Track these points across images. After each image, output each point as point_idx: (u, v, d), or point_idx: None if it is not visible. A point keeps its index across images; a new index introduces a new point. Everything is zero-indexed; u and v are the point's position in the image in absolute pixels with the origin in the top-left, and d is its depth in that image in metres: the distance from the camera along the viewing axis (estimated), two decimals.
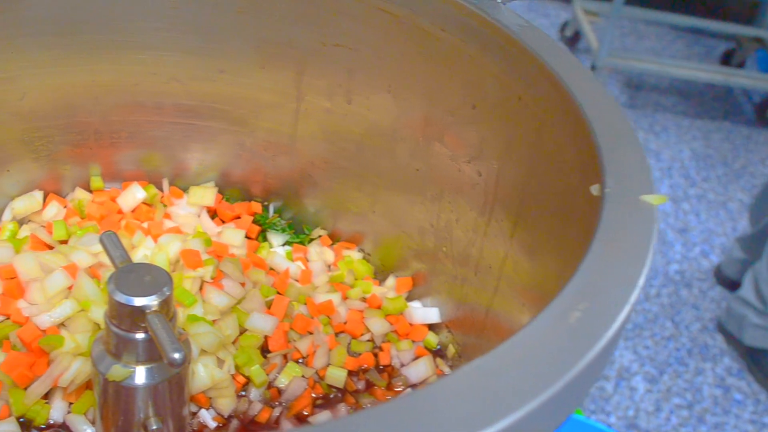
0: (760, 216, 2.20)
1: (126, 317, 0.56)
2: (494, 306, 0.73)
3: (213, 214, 0.93)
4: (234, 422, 0.73)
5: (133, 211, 0.89)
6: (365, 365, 0.80)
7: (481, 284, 0.75)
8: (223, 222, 0.92)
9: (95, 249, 0.79)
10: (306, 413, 0.75)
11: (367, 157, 0.84)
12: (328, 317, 0.83)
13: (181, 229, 0.86)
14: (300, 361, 0.79)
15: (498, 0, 0.64)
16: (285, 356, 0.79)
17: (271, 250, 0.90)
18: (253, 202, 0.94)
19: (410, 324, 0.85)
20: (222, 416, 0.73)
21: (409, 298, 0.88)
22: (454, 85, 0.71)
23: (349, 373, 0.79)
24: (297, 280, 0.87)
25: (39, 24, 0.77)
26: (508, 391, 0.35)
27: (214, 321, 0.75)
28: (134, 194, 0.89)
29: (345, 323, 0.83)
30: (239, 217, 0.92)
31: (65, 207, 0.88)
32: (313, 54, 0.79)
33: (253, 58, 0.81)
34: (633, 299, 0.39)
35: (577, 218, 0.55)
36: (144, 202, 0.90)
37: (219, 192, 0.93)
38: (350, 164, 0.86)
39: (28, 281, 0.75)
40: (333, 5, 0.74)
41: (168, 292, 0.57)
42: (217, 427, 0.72)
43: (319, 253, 0.90)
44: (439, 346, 0.84)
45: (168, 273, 0.58)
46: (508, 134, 0.66)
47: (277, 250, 0.91)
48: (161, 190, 0.92)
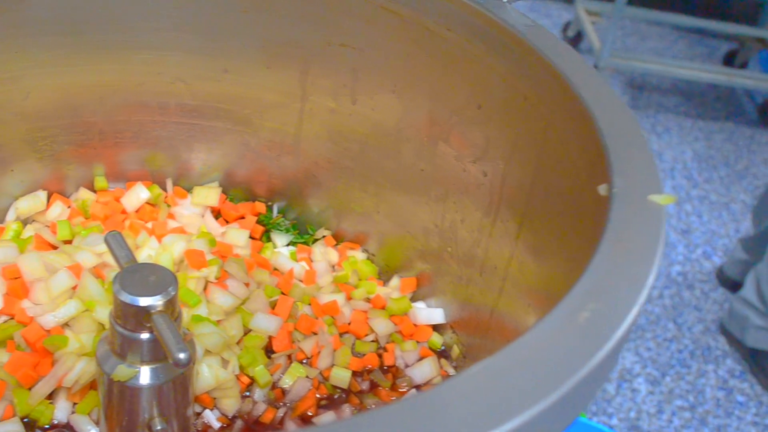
0: (762, 217, 2.19)
1: (131, 317, 0.56)
2: (499, 307, 0.73)
3: (217, 214, 0.93)
4: (238, 423, 0.72)
5: (136, 212, 0.89)
6: (369, 366, 0.80)
7: (486, 285, 0.75)
8: (227, 222, 0.92)
9: (99, 249, 0.79)
10: (310, 414, 0.75)
11: (371, 158, 0.84)
12: (333, 318, 0.83)
13: (185, 230, 0.86)
14: (304, 361, 0.79)
15: (504, 0, 0.64)
16: (289, 357, 0.78)
17: (275, 250, 0.90)
18: (257, 202, 0.94)
19: (415, 325, 0.85)
20: (226, 417, 0.73)
21: (413, 299, 0.88)
22: (459, 85, 0.70)
23: (354, 373, 0.79)
24: (301, 281, 0.87)
25: (43, 24, 0.77)
26: (516, 392, 0.34)
27: (218, 321, 0.75)
28: (138, 194, 0.89)
29: (349, 324, 0.83)
30: (243, 218, 0.92)
31: (69, 207, 0.88)
32: (318, 54, 0.79)
33: (258, 58, 0.81)
34: (642, 299, 0.39)
35: (583, 218, 0.55)
36: (148, 203, 0.89)
37: (223, 192, 0.93)
38: (354, 164, 0.86)
39: (32, 281, 0.75)
40: (338, 5, 0.74)
41: (173, 292, 0.57)
42: (222, 428, 0.72)
43: (324, 254, 0.90)
44: (443, 347, 0.84)
45: (173, 273, 0.58)
46: (513, 134, 0.66)
47: (281, 250, 0.90)
48: (165, 190, 0.92)
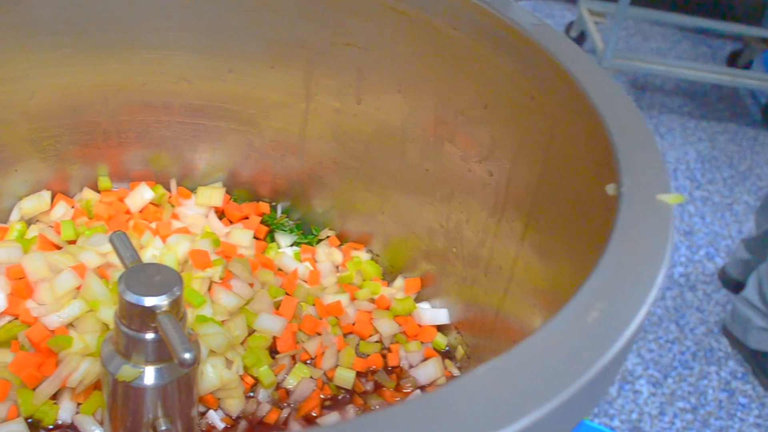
0: (766, 219, 2.19)
1: (136, 317, 0.56)
2: (504, 307, 0.73)
3: (221, 214, 0.92)
4: (242, 423, 0.72)
5: (140, 212, 0.89)
6: (374, 366, 0.80)
7: (492, 285, 0.74)
8: (231, 222, 0.92)
9: (103, 249, 0.78)
10: (314, 414, 0.75)
11: (376, 158, 0.84)
12: (337, 318, 0.83)
13: (189, 230, 0.86)
14: (308, 362, 0.79)
15: None
16: (293, 357, 0.78)
17: (279, 250, 0.90)
18: (261, 202, 0.94)
19: (419, 325, 0.84)
20: (230, 417, 0.73)
21: (417, 299, 0.87)
22: (465, 85, 0.70)
23: (358, 374, 0.78)
24: (305, 281, 0.86)
25: (47, 24, 0.77)
26: (524, 392, 0.34)
27: (222, 322, 0.75)
28: (142, 194, 0.89)
29: (353, 324, 0.83)
30: (247, 218, 0.92)
31: (73, 207, 0.88)
32: (323, 54, 0.79)
33: (263, 58, 0.81)
34: (651, 299, 0.39)
35: (590, 218, 0.55)
36: (152, 203, 0.89)
37: (227, 192, 0.93)
38: (359, 164, 0.85)
39: (36, 281, 0.75)
40: (343, 4, 0.74)
41: (178, 293, 0.57)
42: (226, 428, 0.72)
43: (328, 254, 0.90)
44: (447, 348, 0.84)
45: (178, 273, 0.58)
46: (520, 134, 0.66)
47: (285, 250, 0.90)
48: (169, 190, 0.92)
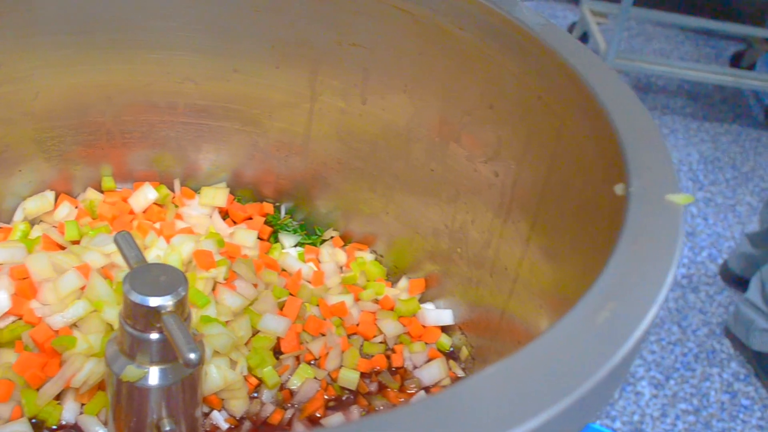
0: None
1: (141, 317, 0.56)
2: (510, 308, 0.72)
3: (224, 214, 0.92)
4: (246, 424, 0.72)
5: (144, 212, 0.89)
6: (378, 367, 0.80)
7: (497, 286, 0.74)
8: (235, 223, 0.92)
9: (108, 249, 0.78)
10: (318, 415, 0.74)
11: (381, 158, 0.83)
12: (341, 319, 0.82)
13: (193, 230, 0.86)
14: (312, 362, 0.78)
15: None
16: (297, 358, 0.78)
17: (283, 251, 0.90)
18: (264, 203, 0.94)
19: (423, 326, 0.84)
20: (234, 418, 0.72)
21: (422, 300, 0.87)
22: (471, 85, 0.70)
23: (362, 375, 0.78)
24: (309, 282, 0.86)
25: (52, 24, 0.77)
26: (535, 393, 0.34)
27: (226, 322, 0.74)
28: (146, 195, 0.89)
29: (357, 325, 0.83)
30: (251, 218, 0.92)
31: (76, 207, 0.87)
32: (328, 54, 0.78)
33: (268, 58, 0.81)
34: (661, 299, 0.39)
35: (597, 218, 0.54)
36: (155, 203, 0.89)
37: (230, 193, 0.92)
38: (364, 165, 0.85)
39: (40, 281, 0.75)
40: (349, 4, 0.73)
41: (183, 293, 0.56)
42: (229, 429, 0.72)
43: (332, 255, 0.89)
44: (452, 349, 0.84)
45: (183, 273, 0.58)
46: (526, 134, 0.65)
47: (289, 251, 0.90)
48: (172, 190, 0.92)
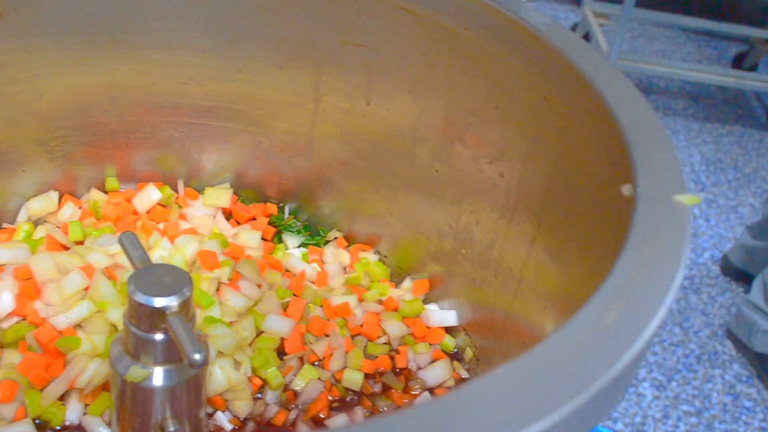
0: None
1: (146, 318, 0.56)
2: (514, 309, 0.72)
3: (228, 215, 0.92)
4: (250, 425, 0.72)
5: (147, 213, 0.88)
6: (382, 368, 0.80)
7: (501, 287, 0.74)
8: (239, 223, 0.92)
9: (112, 250, 0.78)
10: (322, 416, 0.74)
11: (385, 159, 0.83)
12: (345, 319, 0.82)
13: (196, 231, 0.86)
14: (316, 363, 0.78)
15: None
16: (301, 359, 0.78)
17: (287, 251, 0.90)
18: (268, 203, 0.94)
19: (427, 327, 0.84)
20: (238, 418, 0.72)
21: (426, 301, 0.87)
22: (476, 85, 0.70)
23: (366, 375, 0.78)
24: (313, 282, 0.86)
25: (57, 24, 0.77)
26: (544, 394, 0.34)
27: (230, 323, 0.74)
28: (149, 195, 0.89)
29: (361, 326, 0.83)
30: (254, 219, 0.92)
31: (80, 208, 0.87)
32: (332, 54, 0.78)
33: (272, 58, 0.81)
34: (670, 299, 0.39)
35: (603, 219, 0.54)
36: (159, 203, 0.89)
37: (234, 193, 0.92)
38: (368, 165, 0.85)
39: (44, 282, 0.75)
40: (354, 5, 0.73)
41: (188, 293, 0.56)
42: (233, 430, 0.71)
43: (335, 255, 0.89)
44: (456, 350, 0.83)
45: (188, 274, 0.58)
46: (532, 134, 0.65)
47: (292, 251, 0.90)
48: (176, 191, 0.92)
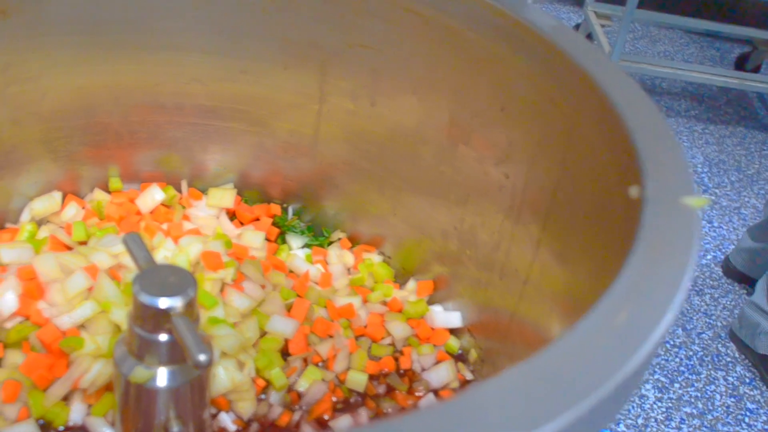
0: None
1: (150, 319, 0.56)
2: (520, 311, 0.72)
3: (231, 215, 0.92)
4: (254, 426, 0.72)
5: (151, 213, 0.88)
6: (386, 369, 0.80)
7: (507, 288, 0.74)
8: (242, 224, 0.91)
9: (115, 250, 0.78)
10: (326, 417, 0.74)
11: (389, 160, 0.83)
12: (349, 320, 0.82)
13: (200, 231, 0.85)
14: (320, 364, 0.78)
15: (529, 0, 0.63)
16: (305, 360, 0.78)
17: (291, 252, 0.89)
18: (272, 204, 0.94)
19: (431, 328, 0.84)
20: (242, 419, 0.72)
21: (430, 302, 0.87)
22: (482, 87, 0.70)
23: (370, 377, 0.78)
24: (317, 283, 0.86)
25: (60, 24, 0.76)
26: (554, 396, 0.34)
27: (234, 323, 0.74)
28: (153, 195, 0.88)
29: (365, 327, 0.83)
30: (258, 219, 0.91)
31: (84, 208, 0.87)
32: (337, 55, 0.78)
33: (276, 59, 0.81)
34: (679, 301, 0.39)
35: (610, 222, 0.54)
36: (162, 204, 0.89)
37: (237, 194, 0.92)
38: (372, 166, 0.85)
39: (48, 282, 0.75)
40: (359, 6, 0.73)
41: (192, 294, 0.56)
42: (237, 431, 0.71)
43: (339, 256, 0.89)
44: (460, 351, 0.83)
45: (192, 275, 0.58)
46: (537, 136, 0.65)
47: (296, 252, 0.90)
48: (179, 191, 0.92)
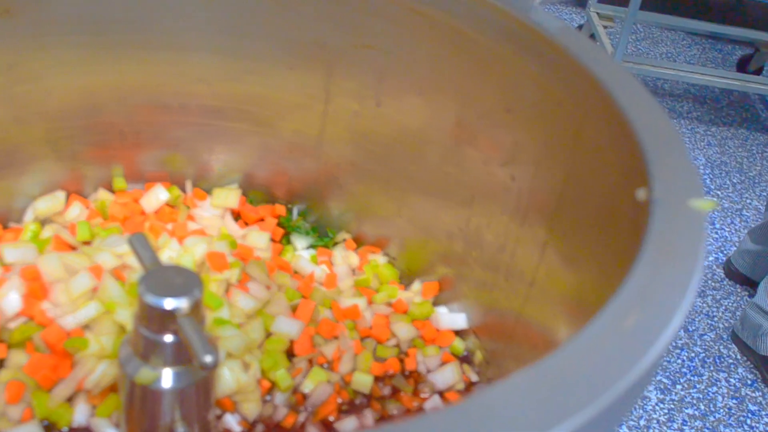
0: None
1: (156, 319, 0.56)
2: (525, 313, 0.72)
3: (236, 216, 0.92)
4: (259, 427, 0.72)
5: (155, 213, 0.88)
6: (391, 371, 0.79)
7: (512, 290, 0.74)
8: (247, 224, 0.91)
9: (120, 250, 0.78)
10: (331, 419, 0.74)
11: (395, 161, 0.83)
12: (354, 322, 0.82)
13: (205, 231, 0.85)
14: (325, 365, 0.78)
15: (536, 2, 0.63)
16: (310, 361, 0.78)
17: (296, 253, 0.89)
18: (277, 204, 0.93)
19: (437, 329, 0.84)
20: (247, 421, 0.72)
21: (435, 303, 0.87)
22: (488, 88, 0.70)
23: (375, 378, 0.78)
24: (322, 284, 0.86)
25: (65, 23, 0.76)
26: (565, 398, 0.34)
27: (239, 324, 0.74)
28: (157, 195, 0.88)
29: (370, 328, 0.82)
30: (263, 220, 0.91)
31: (88, 208, 0.87)
32: (343, 55, 0.78)
33: (282, 59, 0.80)
34: (688, 304, 0.39)
35: (616, 224, 0.54)
36: (167, 204, 0.89)
37: (242, 194, 0.92)
38: (377, 167, 0.85)
39: (52, 282, 0.74)
40: (365, 6, 0.73)
41: (198, 295, 0.56)
42: None
43: (344, 257, 0.89)
44: (466, 352, 0.83)
45: (198, 275, 0.58)
46: (544, 138, 0.65)
47: (301, 253, 0.90)
48: (184, 191, 0.92)
